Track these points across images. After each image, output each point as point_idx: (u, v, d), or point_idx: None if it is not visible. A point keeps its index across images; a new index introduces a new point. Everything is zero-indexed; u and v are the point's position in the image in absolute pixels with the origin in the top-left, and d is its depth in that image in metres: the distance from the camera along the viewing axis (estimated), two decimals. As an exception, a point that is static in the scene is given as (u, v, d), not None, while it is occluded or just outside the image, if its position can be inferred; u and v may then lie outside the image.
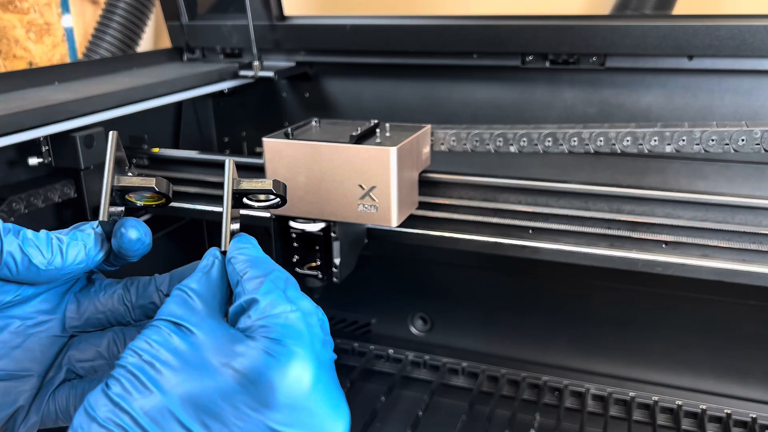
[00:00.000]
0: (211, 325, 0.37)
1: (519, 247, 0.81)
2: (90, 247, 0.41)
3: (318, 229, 0.81)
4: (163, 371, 0.35)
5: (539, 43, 1.03)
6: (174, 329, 0.36)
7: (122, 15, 1.45)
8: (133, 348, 0.36)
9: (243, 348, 0.36)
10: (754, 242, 0.72)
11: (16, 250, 0.39)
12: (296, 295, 0.38)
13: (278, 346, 0.35)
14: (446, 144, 0.86)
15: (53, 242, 0.40)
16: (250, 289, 0.38)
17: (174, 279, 0.45)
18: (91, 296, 0.45)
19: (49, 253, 0.40)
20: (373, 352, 1.23)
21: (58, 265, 0.40)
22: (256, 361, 0.35)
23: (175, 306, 0.38)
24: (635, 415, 1.07)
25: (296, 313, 0.37)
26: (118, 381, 0.34)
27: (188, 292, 0.38)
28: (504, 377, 1.14)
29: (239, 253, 0.41)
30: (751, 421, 1.02)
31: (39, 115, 0.79)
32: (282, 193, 0.45)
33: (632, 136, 0.78)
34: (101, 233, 0.42)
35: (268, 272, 0.39)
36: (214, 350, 0.36)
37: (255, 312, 0.37)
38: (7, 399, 0.41)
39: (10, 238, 0.39)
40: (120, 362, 0.35)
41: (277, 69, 1.14)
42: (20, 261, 0.39)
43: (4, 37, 1.67)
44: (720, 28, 0.93)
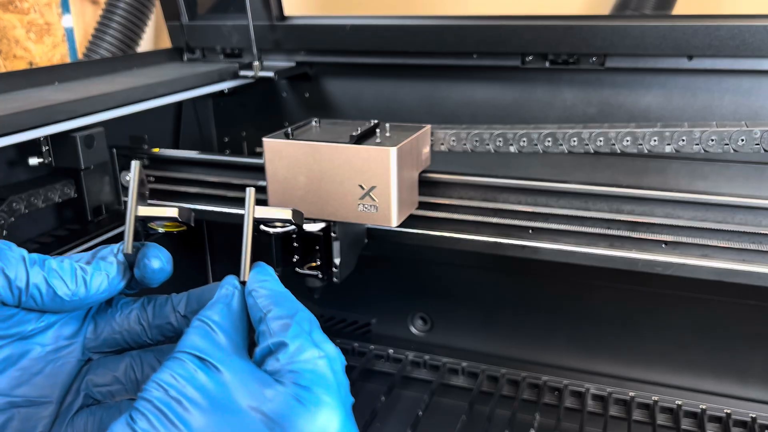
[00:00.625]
0: (237, 365, 0.37)
1: (519, 247, 0.81)
2: (113, 277, 0.42)
3: (318, 229, 0.81)
4: (192, 410, 0.34)
5: (539, 43, 1.03)
6: (199, 365, 0.36)
7: (122, 15, 1.45)
8: (157, 381, 0.35)
9: (272, 393, 0.36)
10: (754, 242, 0.72)
11: (41, 282, 0.39)
12: (321, 339, 0.39)
13: (307, 393, 0.36)
14: (446, 144, 0.86)
15: (77, 273, 0.41)
16: (277, 331, 0.38)
17: (191, 300, 0.45)
18: (108, 317, 0.45)
19: (73, 285, 0.40)
20: (373, 352, 1.23)
21: (82, 295, 0.41)
22: (286, 408, 0.35)
23: (198, 339, 0.37)
24: (635, 414, 1.07)
25: (324, 359, 0.37)
26: (144, 416, 0.34)
27: (211, 325, 0.38)
28: (504, 377, 1.15)
29: (260, 287, 0.41)
30: (750, 420, 1.02)
31: (39, 115, 0.79)
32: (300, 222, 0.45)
33: (632, 136, 0.78)
34: (124, 262, 0.42)
35: (293, 313, 0.39)
36: (243, 392, 0.36)
37: (284, 356, 0.37)
38: (26, 426, 0.41)
39: (36, 270, 0.39)
40: (144, 395, 0.35)
41: (277, 69, 1.14)
42: (45, 293, 0.40)
43: (4, 37, 1.67)
44: (720, 28, 0.93)
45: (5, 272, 0.38)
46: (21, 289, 0.39)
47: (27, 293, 0.39)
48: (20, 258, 0.39)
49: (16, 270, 0.39)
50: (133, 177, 0.43)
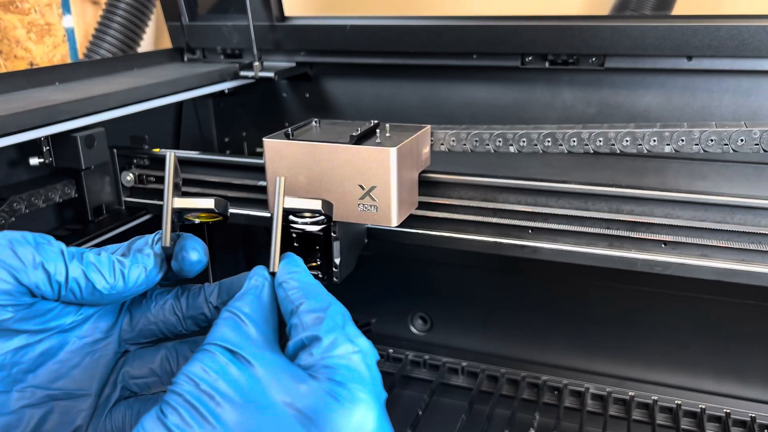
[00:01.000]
0: (269, 358, 0.36)
1: (519, 247, 0.81)
2: (150, 269, 0.42)
3: (318, 229, 0.81)
4: (224, 405, 0.34)
5: (539, 44, 1.03)
6: (231, 358, 0.35)
7: (123, 15, 1.45)
8: (187, 374, 0.34)
9: (306, 388, 0.35)
10: (754, 242, 0.72)
11: (80, 276, 0.39)
12: (355, 333, 0.38)
13: (343, 389, 0.35)
14: (446, 144, 0.87)
15: (115, 266, 0.40)
16: (310, 324, 0.37)
17: (222, 290, 0.45)
18: (143, 308, 0.45)
19: (111, 278, 0.40)
20: (373, 352, 1.23)
21: (120, 288, 0.40)
22: (321, 404, 0.34)
23: (228, 330, 0.37)
24: (634, 414, 1.07)
25: (359, 354, 0.37)
26: (176, 410, 0.33)
27: (241, 317, 0.37)
28: (503, 377, 1.15)
29: (291, 278, 0.40)
30: (750, 420, 1.02)
31: (40, 115, 0.79)
32: (329, 213, 0.45)
33: (631, 136, 0.78)
34: (161, 254, 0.42)
35: (326, 306, 0.38)
36: (276, 387, 0.35)
37: (317, 351, 0.36)
38: (66, 419, 0.41)
39: (75, 264, 0.39)
40: (175, 388, 0.34)
41: (278, 69, 1.15)
42: (84, 286, 0.39)
43: (5, 38, 1.67)
44: (719, 29, 0.93)
45: (45, 267, 0.38)
46: (60, 284, 0.39)
47: (66, 287, 0.39)
48: (59, 252, 0.39)
49: (55, 264, 0.39)
50: (168, 169, 0.43)
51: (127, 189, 0.96)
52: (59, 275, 0.39)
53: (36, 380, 0.40)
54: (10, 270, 0.37)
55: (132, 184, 0.95)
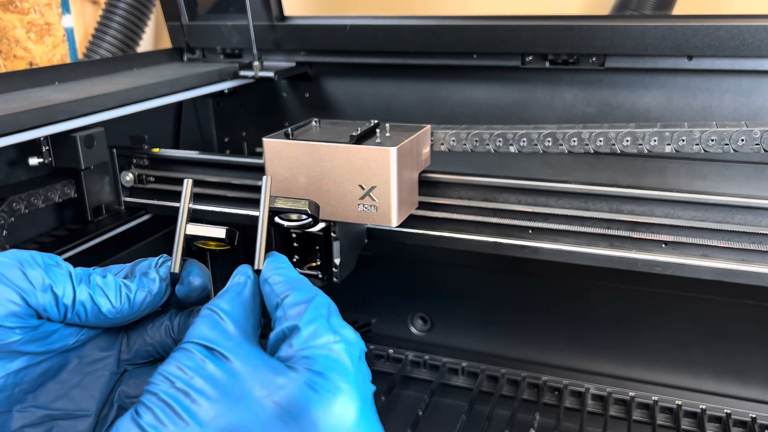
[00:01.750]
0: (247, 352, 0.35)
1: (519, 247, 0.81)
2: (156, 293, 0.41)
3: (318, 229, 0.81)
4: (200, 401, 0.33)
5: (539, 44, 1.03)
6: (207, 354, 0.35)
7: (122, 15, 1.45)
8: (163, 373, 0.34)
9: (284, 380, 0.34)
10: (754, 242, 0.72)
11: (87, 299, 0.39)
12: (340, 324, 0.37)
13: (322, 379, 0.34)
14: (446, 144, 0.87)
15: (122, 290, 0.40)
16: (292, 315, 0.36)
17: None
18: (140, 330, 0.44)
19: (117, 302, 0.40)
20: (373, 352, 1.23)
21: (125, 312, 0.40)
22: (299, 396, 0.33)
23: (205, 328, 0.36)
24: (635, 414, 1.07)
25: (340, 344, 0.35)
26: (150, 410, 0.33)
27: (220, 313, 0.37)
28: (504, 377, 1.15)
29: (276, 274, 0.40)
30: (750, 420, 1.02)
31: (39, 115, 0.79)
32: (315, 214, 0.45)
33: (632, 136, 0.78)
34: (166, 279, 0.42)
35: (310, 298, 0.38)
36: (254, 380, 0.34)
37: (297, 341, 0.35)
38: None
39: (83, 288, 0.39)
40: (150, 388, 0.34)
41: (277, 69, 1.14)
42: (90, 309, 0.39)
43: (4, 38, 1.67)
44: (720, 28, 0.93)
45: (54, 289, 0.38)
46: (68, 306, 0.39)
47: (73, 310, 0.39)
48: (67, 275, 0.39)
49: (64, 287, 0.38)
50: (184, 195, 0.43)
51: (126, 189, 0.96)
52: (67, 298, 0.39)
53: (36, 400, 0.40)
54: (19, 292, 0.37)
55: (131, 184, 0.95)
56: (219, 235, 0.43)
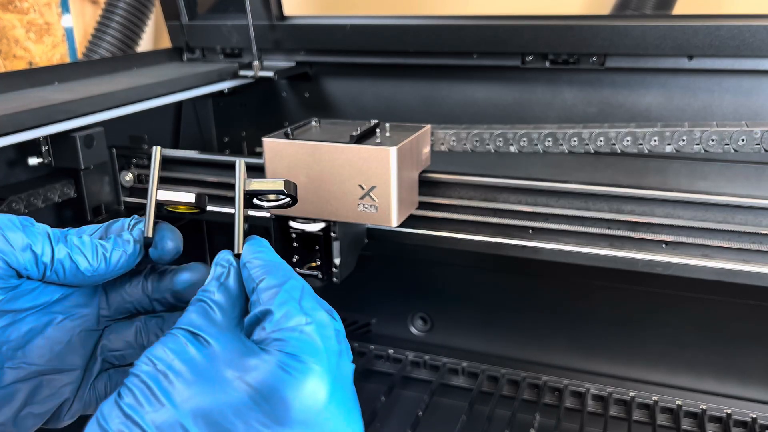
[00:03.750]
0: (227, 338, 0.37)
1: (519, 247, 0.81)
2: (130, 254, 0.43)
3: (318, 229, 0.81)
4: (176, 383, 0.34)
5: (539, 43, 1.03)
6: (191, 339, 0.36)
7: (122, 15, 1.45)
8: (148, 355, 0.35)
9: (256, 362, 0.35)
10: (754, 242, 0.72)
11: (65, 258, 0.41)
12: (312, 306, 0.38)
13: (293, 360, 0.35)
14: (446, 144, 0.86)
15: (98, 250, 0.42)
16: (265, 299, 0.37)
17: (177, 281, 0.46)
18: (117, 288, 0.47)
19: (94, 261, 0.42)
20: (373, 352, 1.23)
21: (102, 271, 0.42)
22: (270, 377, 0.34)
23: (194, 316, 0.38)
24: (635, 415, 1.07)
25: (311, 325, 0.36)
26: (131, 391, 0.34)
27: (209, 303, 0.38)
28: (504, 377, 1.14)
29: (254, 257, 0.41)
30: (751, 421, 1.02)
31: (39, 115, 0.79)
32: (293, 193, 0.45)
33: (632, 136, 0.78)
34: (140, 240, 0.44)
35: (283, 281, 0.38)
36: (228, 363, 0.35)
37: (269, 324, 0.36)
38: (54, 392, 0.44)
39: (60, 246, 0.41)
40: (134, 370, 0.35)
41: (277, 69, 1.14)
42: (68, 268, 0.41)
43: (4, 37, 1.67)
44: (720, 28, 0.93)
45: (33, 249, 0.40)
46: (46, 264, 0.41)
47: (51, 268, 0.41)
48: (45, 235, 0.41)
49: (42, 247, 0.40)
50: (154, 162, 0.45)
51: (126, 189, 0.95)
52: (46, 257, 0.40)
53: (25, 357, 0.42)
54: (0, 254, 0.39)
55: (131, 183, 0.95)
56: (189, 200, 0.44)
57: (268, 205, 0.47)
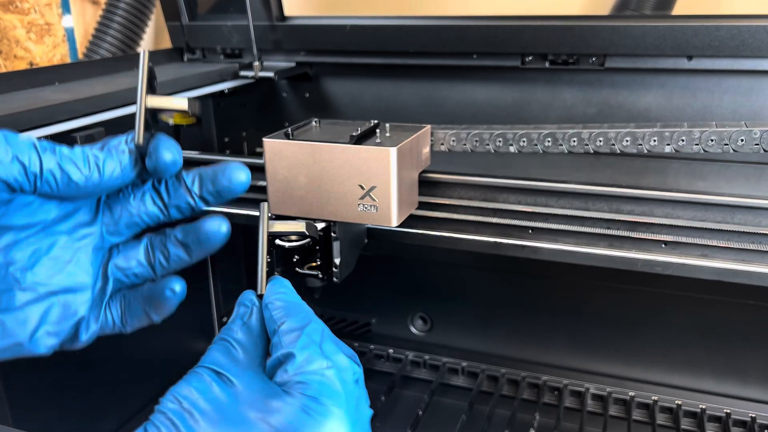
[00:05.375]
0: (250, 377, 0.38)
1: (519, 247, 0.81)
2: (125, 164, 0.42)
3: (318, 229, 0.81)
4: (201, 422, 0.35)
5: (539, 44, 1.03)
6: (215, 378, 0.37)
7: (123, 15, 1.45)
8: (174, 394, 0.36)
9: (280, 404, 0.36)
10: (754, 242, 0.72)
11: (55, 167, 0.40)
12: (332, 350, 0.39)
13: (315, 403, 0.36)
14: (446, 144, 0.87)
15: (90, 159, 0.41)
16: (287, 343, 0.38)
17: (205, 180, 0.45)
18: (122, 202, 0.46)
19: (86, 169, 0.41)
20: (373, 352, 1.23)
21: (95, 180, 0.41)
22: (293, 419, 0.35)
23: (218, 354, 0.39)
24: (635, 414, 1.07)
25: (332, 369, 0.37)
26: (157, 428, 0.35)
27: (231, 342, 0.40)
28: (504, 377, 1.15)
29: (276, 299, 0.42)
30: (750, 420, 1.02)
31: (39, 115, 0.79)
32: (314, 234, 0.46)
33: (632, 136, 0.78)
34: (134, 150, 0.43)
35: (304, 324, 0.40)
36: (252, 403, 0.36)
37: (291, 367, 0.37)
38: (69, 311, 0.44)
39: (48, 156, 0.40)
40: (160, 407, 0.36)
41: (278, 69, 1.14)
42: (60, 178, 0.40)
43: (4, 38, 1.67)
44: (720, 29, 0.93)
45: (19, 159, 0.39)
46: (36, 174, 0.39)
47: (42, 179, 0.40)
48: (31, 145, 0.40)
49: (29, 156, 0.39)
50: (142, 66, 0.43)
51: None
52: (34, 166, 0.39)
53: (35, 277, 0.42)
54: None
55: (132, 184, 0.95)
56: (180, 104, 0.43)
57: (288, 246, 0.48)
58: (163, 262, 0.46)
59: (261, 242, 0.43)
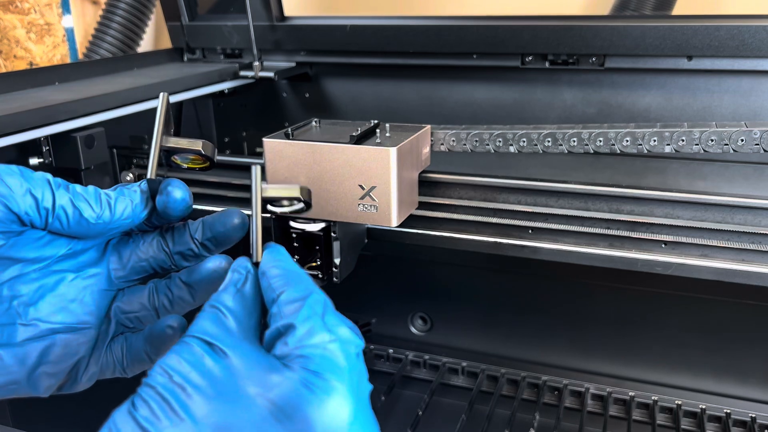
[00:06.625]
0: (246, 349, 0.36)
1: (519, 247, 0.81)
2: (136, 203, 0.43)
3: (318, 229, 0.81)
4: (195, 397, 0.33)
5: (539, 44, 1.03)
6: (207, 349, 0.35)
7: (123, 15, 1.45)
8: (162, 366, 0.34)
9: (280, 378, 0.34)
10: (754, 242, 0.72)
11: (67, 203, 0.40)
12: (335, 322, 0.37)
13: (317, 378, 0.34)
14: (446, 144, 0.87)
15: (102, 197, 0.42)
16: (288, 313, 0.36)
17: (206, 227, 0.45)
18: (131, 246, 0.46)
19: (98, 208, 0.41)
20: (373, 352, 1.23)
21: (106, 219, 0.42)
22: (294, 394, 0.33)
23: (208, 323, 0.36)
24: (635, 414, 1.07)
25: (335, 343, 0.35)
26: (146, 403, 0.33)
27: (222, 310, 0.37)
28: (504, 377, 1.15)
29: (274, 267, 0.40)
30: (750, 420, 1.02)
31: (39, 115, 0.79)
32: (308, 199, 0.45)
33: (631, 136, 0.78)
34: (146, 191, 0.43)
35: (306, 294, 0.38)
36: (249, 378, 0.34)
37: (292, 339, 0.35)
38: (69, 350, 0.43)
39: (62, 192, 0.40)
40: (148, 380, 0.34)
41: (278, 69, 1.15)
42: (71, 215, 0.40)
43: (4, 38, 1.67)
44: (719, 28, 0.93)
45: (32, 192, 0.39)
46: (48, 210, 0.40)
47: (53, 214, 0.40)
48: (45, 180, 0.40)
49: (42, 191, 0.40)
50: (160, 107, 0.43)
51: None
52: (46, 201, 0.40)
53: (38, 313, 0.42)
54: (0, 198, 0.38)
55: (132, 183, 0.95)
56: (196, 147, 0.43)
57: (281, 211, 0.46)
58: (167, 305, 0.46)
59: (255, 207, 0.41)
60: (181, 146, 0.43)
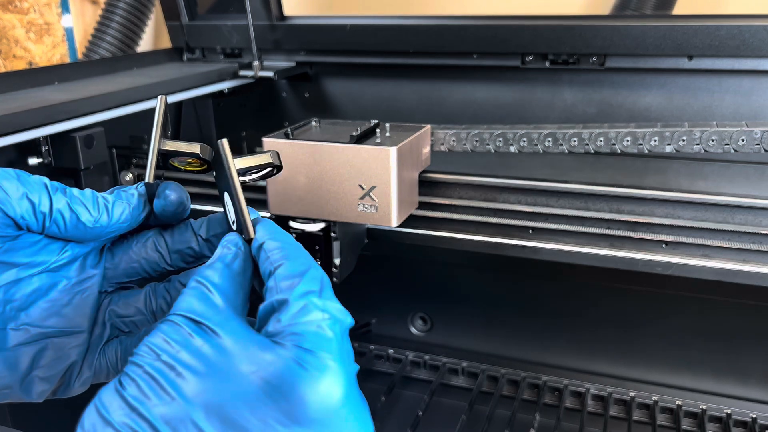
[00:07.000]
0: (236, 327, 0.35)
1: (519, 247, 0.81)
2: (134, 207, 0.42)
3: (318, 229, 0.81)
4: (186, 376, 0.33)
5: (539, 43, 1.03)
6: (194, 328, 0.34)
7: (122, 15, 1.44)
8: (149, 345, 0.34)
9: (272, 356, 0.33)
10: (754, 242, 0.72)
11: (64, 207, 0.40)
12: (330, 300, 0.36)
13: (311, 357, 0.33)
14: (446, 144, 0.86)
15: (99, 201, 0.41)
16: (283, 288, 0.36)
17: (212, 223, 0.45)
18: (124, 247, 0.45)
19: (95, 212, 0.41)
20: (373, 352, 1.23)
21: (104, 223, 0.41)
22: (287, 372, 0.33)
23: (194, 300, 0.35)
24: (635, 415, 1.07)
25: (329, 321, 0.35)
26: (134, 381, 0.32)
27: (208, 286, 0.36)
28: (504, 377, 1.14)
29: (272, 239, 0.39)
30: (751, 421, 1.02)
31: (39, 115, 0.79)
32: (279, 163, 0.44)
33: (632, 136, 0.78)
34: (144, 194, 0.43)
35: (304, 270, 0.37)
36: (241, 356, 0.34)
37: (286, 316, 0.35)
38: (61, 354, 0.43)
39: (59, 196, 0.40)
40: (135, 359, 0.33)
41: (277, 69, 1.14)
42: (68, 218, 0.40)
43: (3, 37, 1.67)
44: (720, 28, 0.93)
45: (29, 197, 0.39)
46: (45, 214, 0.39)
47: (51, 219, 0.40)
48: (42, 184, 0.40)
49: (39, 195, 0.39)
50: (158, 110, 0.43)
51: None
52: (44, 206, 0.39)
53: (29, 318, 0.42)
54: None
55: (131, 183, 0.95)
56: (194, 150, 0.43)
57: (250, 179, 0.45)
58: (165, 309, 0.45)
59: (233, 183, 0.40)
60: (178, 149, 0.43)
